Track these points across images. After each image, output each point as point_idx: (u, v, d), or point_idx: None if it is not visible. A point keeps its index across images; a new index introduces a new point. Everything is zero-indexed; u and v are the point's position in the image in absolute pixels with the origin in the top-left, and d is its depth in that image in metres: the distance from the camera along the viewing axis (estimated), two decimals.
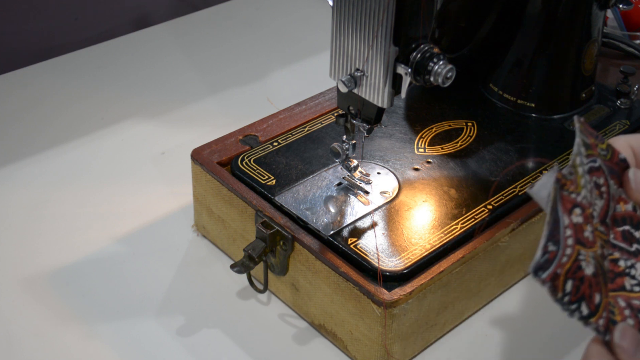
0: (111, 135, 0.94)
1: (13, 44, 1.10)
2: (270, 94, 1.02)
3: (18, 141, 0.92)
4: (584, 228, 0.48)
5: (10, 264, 0.76)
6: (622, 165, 0.52)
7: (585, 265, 0.47)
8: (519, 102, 0.84)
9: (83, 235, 0.80)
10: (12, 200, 0.84)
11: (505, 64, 0.85)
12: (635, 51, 0.97)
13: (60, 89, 1.02)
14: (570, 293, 0.46)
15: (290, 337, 0.71)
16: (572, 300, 0.46)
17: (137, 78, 1.05)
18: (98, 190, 0.86)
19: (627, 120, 0.84)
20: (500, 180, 0.75)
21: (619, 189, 0.52)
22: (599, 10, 0.81)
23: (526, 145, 0.80)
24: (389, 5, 0.60)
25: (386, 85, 0.64)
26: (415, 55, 0.63)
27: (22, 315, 0.71)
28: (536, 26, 0.82)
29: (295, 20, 1.21)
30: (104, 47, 1.12)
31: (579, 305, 0.46)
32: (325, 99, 0.85)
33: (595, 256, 0.48)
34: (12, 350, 0.68)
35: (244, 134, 0.80)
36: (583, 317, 0.46)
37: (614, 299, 0.48)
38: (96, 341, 0.69)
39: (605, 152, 0.51)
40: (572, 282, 0.46)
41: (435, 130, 0.81)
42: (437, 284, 0.65)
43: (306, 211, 0.70)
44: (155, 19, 1.21)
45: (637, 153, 0.53)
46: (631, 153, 0.53)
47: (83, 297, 0.73)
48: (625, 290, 0.49)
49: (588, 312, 0.46)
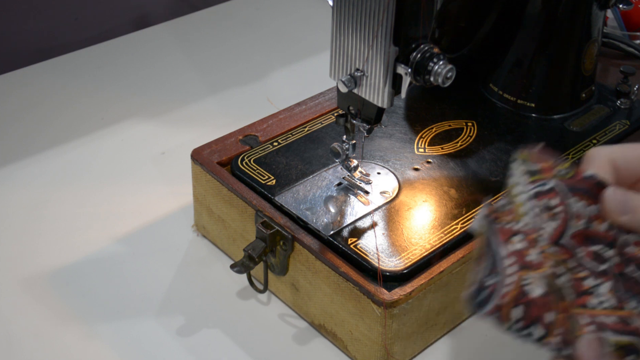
0: (111, 135, 0.94)
1: (13, 44, 1.10)
2: (270, 94, 1.02)
3: (18, 141, 0.92)
4: (528, 252, 0.49)
5: (10, 264, 0.76)
6: (593, 181, 0.52)
7: (532, 289, 0.48)
8: (519, 102, 0.84)
9: (83, 235, 0.80)
10: (12, 200, 0.84)
11: (505, 64, 0.85)
12: (635, 51, 0.97)
13: (60, 89, 1.02)
14: (522, 319, 0.47)
15: (290, 337, 0.71)
16: (525, 325, 0.47)
17: (137, 78, 1.05)
18: (98, 190, 0.86)
19: (627, 120, 0.84)
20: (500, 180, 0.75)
21: (590, 207, 0.52)
22: (599, 10, 0.81)
23: (526, 145, 0.79)
24: (389, 5, 0.60)
25: (386, 85, 0.64)
26: (415, 55, 0.63)
27: (22, 315, 0.71)
28: (536, 26, 0.82)
29: (295, 20, 1.21)
30: (104, 47, 1.12)
31: (531, 329, 0.47)
32: (325, 99, 0.85)
33: (546, 276, 0.49)
34: (12, 350, 0.68)
35: (244, 134, 0.80)
36: (537, 339, 0.47)
37: (576, 316, 0.49)
38: (96, 341, 0.69)
39: (565, 172, 0.52)
40: (522, 307, 0.47)
41: (435, 130, 0.81)
42: (437, 284, 0.65)
43: (306, 211, 0.70)
44: (155, 19, 1.21)
45: (618, 167, 0.52)
46: (610, 169, 0.52)
47: (83, 297, 0.73)
48: (588, 307, 0.50)
49: (542, 333, 0.47)
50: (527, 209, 0.51)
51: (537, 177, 0.52)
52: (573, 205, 0.52)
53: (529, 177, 0.52)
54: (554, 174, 0.52)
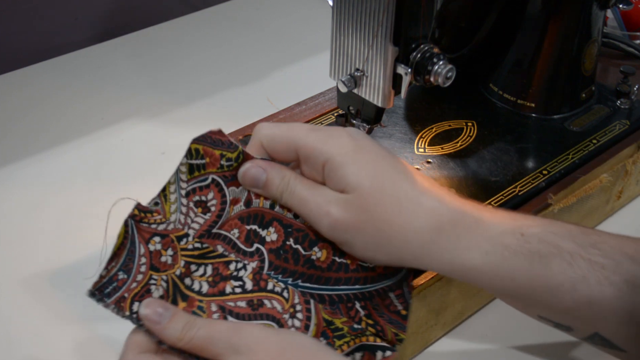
0: (111, 135, 0.94)
1: (13, 44, 1.10)
2: (270, 94, 1.02)
3: (18, 141, 0.92)
4: (162, 254, 0.55)
5: (10, 264, 0.76)
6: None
7: (154, 289, 0.54)
8: (519, 102, 0.84)
9: (83, 235, 0.80)
10: (12, 200, 0.84)
11: (505, 64, 0.85)
12: (635, 51, 0.97)
13: (60, 89, 1.02)
14: (137, 312, 0.53)
15: None
16: (139, 319, 0.53)
17: (137, 78, 1.05)
18: (98, 190, 0.86)
19: (627, 120, 0.84)
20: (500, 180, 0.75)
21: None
22: (599, 10, 0.81)
23: (526, 145, 0.80)
24: (389, 5, 0.60)
25: (386, 85, 0.64)
26: (415, 55, 0.63)
27: (22, 315, 0.71)
28: (536, 26, 0.81)
29: (295, 20, 1.21)
30: (104, 47, 1.12)
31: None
32: (325, 99, 0.85)
33: (170, 278, 0.54)
34: (12, 350, 0.68)
35: (244, 134, 0.80)
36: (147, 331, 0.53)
37: (207, 304, 0.54)
38: (96, 341, 0.69)
39: (230, 163, 0.57)
40: (138, 304, 0.53)
41: (435, 130, 0.81)
42: (437, 284, 0.65)
43: None
44: (156, 19, 1.21)
45: (266, 147, 0.57)
46: (264, 151, 0.58)
47: (83, 297, 0.73)
48: (224, 294, 0.55)
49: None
50: (175, 208, 0.57)
51: (196, 174, 0.57)
52: (230, 193, 0.57)
53: (188, 175, 0.57)
54: (218, 166, 0.57)
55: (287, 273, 0.57)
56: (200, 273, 0.55)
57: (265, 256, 0.57)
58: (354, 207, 0.54)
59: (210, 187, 0.57)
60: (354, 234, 0.55)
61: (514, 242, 0.54)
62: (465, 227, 0.54)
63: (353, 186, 0.54)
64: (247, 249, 0.57)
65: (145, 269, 0.54)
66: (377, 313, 0.57)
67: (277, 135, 0.57)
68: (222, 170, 0.57)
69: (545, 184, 0.74)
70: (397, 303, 0.57)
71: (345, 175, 0.54)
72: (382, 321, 0.57)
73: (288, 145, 0.56)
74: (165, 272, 0.55)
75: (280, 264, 0.57)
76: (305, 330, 0.55)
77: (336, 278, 0.57)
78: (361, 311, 0.57)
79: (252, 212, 0.57)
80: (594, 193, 0.77)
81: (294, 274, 0.57)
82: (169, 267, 0.55)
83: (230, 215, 0.57)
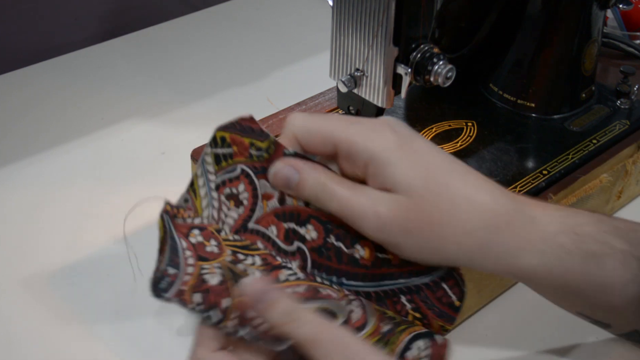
0: (111, 135, 0.94)
1: (13, 44, 1.10)
2: (270, 94, 1.02)
3: (18, 141, 0.92)
4: (206, 244, 0.53)
5: (10, 264, 0.76)
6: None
7: (210, 278, 0.51)
8: (519, 102, 0.84)
9: (83, 235, 0.80)
10: (12, 200, 0.84)
11: (505, 64, 0.85)
12: (635, 51, 0.97)
13: (60, 89, 1.02)
14: (202, 303, 0.50)
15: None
16: (205, 309, 0.50)
17: (137, 78, 1.05)
18: (98, 190, 0.86)
19: (627, 120, 0.84)
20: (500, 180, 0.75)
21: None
22: (599, 10, 0.81)
23: (526, 145, 0.80)
24: (389, 5, 0.60)
25: (386, 85, 0.64)
26: (415, 55, 0.63)
27: (22, 315, 0.71)
28: (536, 26, 0.81)
29: (295, 20, 1.21)
30: (104, 47, 1.12)
31: (210, 313, 0.51)
32: (325, 99, 0.85)
33: (223, 265, 0.52)
34: (12, 350, 0.68)
35: None
36: (215, 322, 0.50)
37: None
38: (96, 341, 0.69)
39: (260, 153, 0.54)
40: (200, 294, 0.51)
41: (435, 130, 0.81)
42: None
43: None
44: (156, 19, 1.21)
45: (300, 140, 0.54)
46: (297, 143, 0.54)
47: (83, 297, 0.73)
48: (280, 282, 0.53)
49: (219, 317, 0.51)
50: (206, 203, 0.54)
51: (226, 163, 0.54)
52: (262, 188, 0.54)
53: (215, 165, 0.54)
54: (247, 155, 0.54)
55: (331, 271, 0.55)
56: (249, 262, 0.53)
57: (308, 255, 0.54)
58: (405, 207, 0.51)
59: (240, 179, 0.54)
60: (405, 235, 0.51)
61: (568, 242, 0.52)
62: (520, 227, 0.52)
63: (403, 186, 0.51)
64: (288, 247, 0.54)
65: (193, 261, 0.52)
66: (426, 306, 0.55)
67: (313, 128, 0.53)
68: (252, 161, 0.54)
69: (545, 184, 0.74)
70: (451, 294, 0.55)
71: (392, 174, 0.51)
72: (430, 314, 0.55)
73: (325, 139, 0.52)
74: (215, 260, 0.52)
75: (323, 262, 0.54)
76: (364, 313, 0.53)
77: (380, 274, 0.55)
78: (407, 304, 0.54)
79: (288, 210, 0.54)
80: (594, 193, 0.77)
81: (337, 273, 0.55)
82: (217, 255, 0.52)
83: (266, 211, 0.54)
